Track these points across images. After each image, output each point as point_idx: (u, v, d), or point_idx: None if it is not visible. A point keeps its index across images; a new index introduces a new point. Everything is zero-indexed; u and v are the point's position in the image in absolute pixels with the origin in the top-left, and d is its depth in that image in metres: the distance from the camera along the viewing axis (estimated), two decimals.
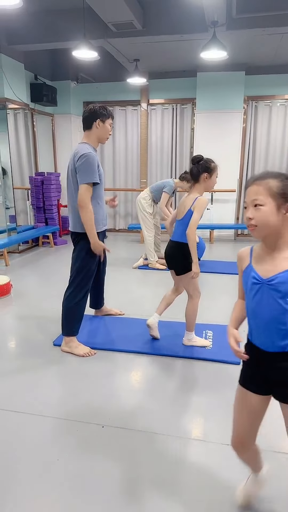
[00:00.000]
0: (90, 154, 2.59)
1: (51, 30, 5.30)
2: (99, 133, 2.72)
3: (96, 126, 2.68)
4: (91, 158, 2.58)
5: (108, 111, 2.70)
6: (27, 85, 6.36)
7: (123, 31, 4.99)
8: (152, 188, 5.09)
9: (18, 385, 2.43)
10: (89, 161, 2.58)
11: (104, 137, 2.76)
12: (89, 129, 2.71)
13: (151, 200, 5.07)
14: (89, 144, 2.70)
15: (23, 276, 4.85)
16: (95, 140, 2.74)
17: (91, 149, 2.65)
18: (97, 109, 2.67)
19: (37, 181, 6.56)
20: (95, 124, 2.68)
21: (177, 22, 4.91)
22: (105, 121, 2.69)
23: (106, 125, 2.70)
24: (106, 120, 2.69)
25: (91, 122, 2.68)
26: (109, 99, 7.40)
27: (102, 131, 2.71)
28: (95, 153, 2.68)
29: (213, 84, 6.72)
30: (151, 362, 2.72)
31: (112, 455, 1.85)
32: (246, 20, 4.72)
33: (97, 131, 2.70)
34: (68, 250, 6.32)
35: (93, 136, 2.73)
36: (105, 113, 2.68)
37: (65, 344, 2.83)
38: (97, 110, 2.66)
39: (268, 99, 6.85)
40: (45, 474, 1.73)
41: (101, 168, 2.70)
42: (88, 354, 2.76)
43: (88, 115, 2.68)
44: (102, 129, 2.70)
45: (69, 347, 2.81)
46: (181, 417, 2.12)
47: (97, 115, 2.66)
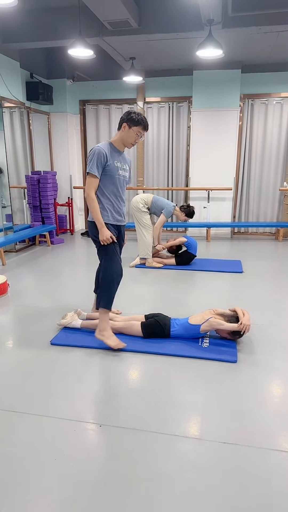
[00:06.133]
0: (97, 148, 2.75)
1: (46, 28, 5.28)
2: (123, 136, 2.83)
3: (123, 129, 2.81)
4: (98, 151, 2.73)
5: (139, 119, 2.78)
6: (22, 84, 6.34)
7: (118, 29, 4.98)
8: (155, 199, 5.12)
9: (15, 384, 2.43)
10: (93, 153, 2.74)
11: (128, 142, 2.85)
12: (118, 129, 2.86)
13: (147, 207, 5.11)
14: (109, 142, 2.85)
15: (20, 275, 4.84)
16: (119, 141, 2.86)
17: (104, 145, 2.79)
18: (130, 113, 2.79)
19: (34, 179, 6.55)
20: (123, 126, 2.81)
21: (173, 21, 4.91)
22: (132, 127, 2.78)
23: (131, 131, 2.79)
24: (133, 127, 2.78)
25: (121, 123, 2.82)
26: (105, 98, 7.39)
27: (126, 135, 2.81)
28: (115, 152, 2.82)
29: (209, 82, 6.72)
30: (147, 361, 2.72)
31: (109, 454, 1.85)
32: (242, 18, 4.72)
33: (122, 133, 2.82)
34: (64, 249, 6.32)
35: (118, 137, 2.86)
36: (135, 120, 2.77)
37: (99, 332, 2.87)
38: (129, 115, 2.78)
39: (264, 97, 6.86)
40: (43, 474, 1.73)
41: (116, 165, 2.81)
42: (118, 347, 2.80)
43: (122, 116, 2.82)
44: (127, 133, 2.80)
45: (102, 335, 2.85)
46: (178, 416, 2.13)
47: (127, 120, 2.78)
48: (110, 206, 2.86)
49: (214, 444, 1.91)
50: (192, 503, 1.58)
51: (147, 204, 5.10)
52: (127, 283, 4.52)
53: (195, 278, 4.71)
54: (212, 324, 2.87)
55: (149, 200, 5.11)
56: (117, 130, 2.89)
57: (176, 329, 2.96)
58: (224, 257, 5.73)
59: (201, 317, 2.94)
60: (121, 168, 2.87)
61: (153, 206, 5.11)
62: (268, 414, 2.15)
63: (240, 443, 1.91)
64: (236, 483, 1.67)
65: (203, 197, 7.11)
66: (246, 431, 2.00)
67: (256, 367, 2.64)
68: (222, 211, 7.28)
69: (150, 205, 5.11)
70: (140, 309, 3.51)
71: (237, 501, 1.59)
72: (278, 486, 1.66)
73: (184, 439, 1.95)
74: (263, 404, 2.23)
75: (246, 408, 2.19)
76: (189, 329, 2.93)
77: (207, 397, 2.30)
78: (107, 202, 2.84)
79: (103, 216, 2.81)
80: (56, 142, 7.48)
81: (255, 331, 3.10)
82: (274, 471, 1.74)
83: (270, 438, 1.95)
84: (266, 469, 1.75)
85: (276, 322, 3.39)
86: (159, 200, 5.14)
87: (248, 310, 3.07)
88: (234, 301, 3.79)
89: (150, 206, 5.12)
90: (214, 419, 2.10)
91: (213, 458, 1.82)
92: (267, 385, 2.44)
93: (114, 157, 2.82)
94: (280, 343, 2.98)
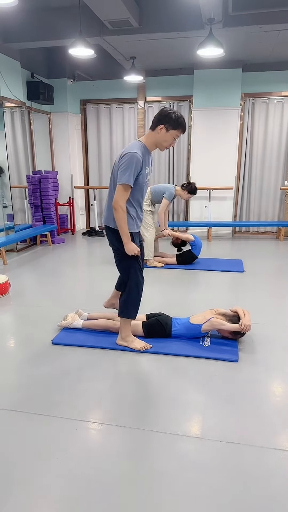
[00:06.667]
0: (135, 155, 2.45)
1: (47, 28, 5.28)
2: (158, 138, 2.56)
3: (158, 130, 2.53)
4: (136, 159, 2.45)
5: (179, 122, 2.51)
6: (23, 83, 6.34)
7: (119, 29, 4.97)
8: (153, 189, 5.06)
9: (16, 384, 2.43)
10: (131, 161, 2.45)
11: (163, 145, 2.59)
12: (153, 130, 2.56)
13: (149, 200, 5.06)
14: (143, 144, 2.57)
15: (21, 275, 4.84)
16: (152, 143, 2.59)
17: (140, 149, 2.51)
18: (169, 114, 2.50)
19: (35, 179, 6.56)
20: (158, 127, 2.52)
21: (173, 20, 4.90)
22: (169, 130, 2.51)
23: (168, 134, 2.52)
24: (170, 130, 2.51)
25: (157, 124, 2.53)
26: (106, 97, 7.39)
27: (162, 138, 2.55)
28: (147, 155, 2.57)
29: (210, 81, 6.72)
30: (148, 360, 2.72)
31: (111, 453, 1.86)
32: (243, 17, 4.71)
33: (157, 135, 2.55)
34: (65, 249, 6.32)
35: (152, 139, 2.58)
36: (175, 121, 2.50)
37: (121, 339, 2.84)
38: (168, 116, 2.49)
39: (265, 96, 6.84)
40: (44, 473, 1.73)
41: (146, 171, 2.57)
42: (144, 348, 2.78)
43: (158, 115, 2.53)
44: (163, 136, 2.54)
45: (125, 341, 2.83)
46: (179, 415, 2.13)
47: (165, 120, 2.50)
48: (135, 214, 2.66)
49: (215, 444, 1.91)
50: (193, 503, 1.58)
51: (148, 196, 5.02)
52: None
53: (196, 278, 4.70)
54: (213, 324, 2.86)
55: (148, 194, 5.02)
56: (149, 129, 2.59)
57: (178, 329, 2.96)
58: (225, 257, 5.72)
59: (203, 317, 2.93)
60: (148, 173, 2.65)
61: (153, 195, 5.02)
62: (270, 413, 2.15)
63: (241, 442, 1.91)
64: (237, 483, 1.67)
65: (204, 196, 7.10)
66: (248, 430, 2.00)
67: (257, 366, 2.64)
68: (223, 211, 7.27)
69: (151, 196, 5.03)
70: (141, 309, 3.50)
71: (239, 501, 1.59)
72: (280, 485, 1.66)
73: (186, 439, 1.95)
74: (265, 403, 2.23)
75: (247, 407, 2.19)
76: (190, 328, 2.93)
77: (208, 396, 2.30)
78: (132, 210, 2.62)
79: (129, 225, 2.59)
80: (57, 141, 7.48)
81: (256, 330, 3.10)
82: (275, 470, 1.74)
83: (272, 437, 1.95)
84: (267, 468, 1.75)
85: (277, 321, 3.39)
86: (157, 187, 5.08)
87: (249, 309, 3.06)
88: (235, 301, 3.79)
89: (151, 197, 5.03)
90: (215, 418, 2.10)
91: (215, 457, 1.82)
92: (268, 384, 2.44)
93: (146, 162, 2.55)
94: (281, 342, 2.98)
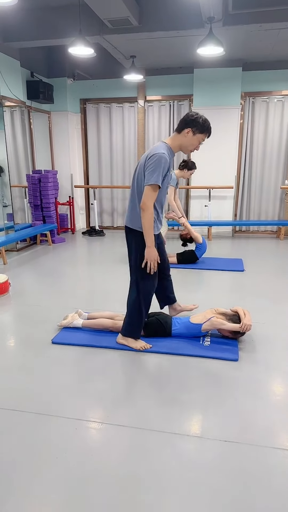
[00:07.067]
0: (163, 155, 2.46)
1: (46, 27, 5.27)
2: (184, 142, 2.57)
3: (185, 134, 2.54)
4: (164, 160, 2.46)
5: (205, 126, 2.53)
6: (23, 83, 6.33)
7: (119, 28, 4.97)
8: None
9: (17, 383, 2.43)
10: (159, 162, 2.45)
11: (188, 149, 2.61)
12: (179, 132, 2.57)
13: None
14: (168, 146, 2.58)
15: (21, 274, 4.84)
16: (177, 145, 2.60)
17: (166, 151, 2.52)
18: (196, 118, 2.52)
19: (34, 179, 6.55)
20: (185, 130, 2.53)
21: (173, 18, 4.89)
22: (196, 134, 2.54)
23: (195, 137, 2.54)
24: (197, 134, 2.54)
25: (183, 127, 2.54)
26: (106, 96, 7.38)
27: (188, 141, 2.56)
28: (172, 157, 2.57)
29: (210, 80, 6.71)
30: (148, 360, 2.72)
31: (111, 452, 1.85)
32: (243, 15, 4.71)
33: (184, 139, 2.56)
34: (65, 249, 6.32)
35: (177, 141, 2.59)
36: (202, 126, 2.52)
37: (121, 337, 2.85)
38: (195, 120, 2.51)
39: (265, 95, 6.83)
40: (44, 472, 1.73)
41: (172, 174, 2.56)
42: (144, 348, 2.78)
43: (185, 118, 2.55)
44: (189, 140, 2.55)
45: (125, 339, 2.83)
46: (179, 414, 2.12)
47: (192, 124, 2.51)
48: (156, 216, 2.64)
49: (215, 443, 1.90)
50: (194, 502, 1.58)
51: None
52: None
53: (197, 277, 4.70)
54: (214, 324, 2.86)
55: None
56: (174, 131, 2.61)
57: (178, 328, 2.96)
58: (226, 256, 5.72)
59: (203, 316, 2.93)
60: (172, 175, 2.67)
61: None
62: (270, 412, 2.14)
63: (241, 442, 1.90)
64: (237, 482, 1.67)
65: (204, 195, 7.09)
66: (248, 429, 2.00)
67: (258, 365, 2.63)
68: (224, 210, 7.27)
69: None
70: None
71: (239, 500, 1.58)
72: (280, 484, 1.66)
73: (186, 438, 1.94)
74: (265, 402, 2.23)
75: (247, 407, 2.18)
76: (190, 328, 2.93)
77: (208, 395, 2.30)
78: (154, 213, 2.60)
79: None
80: (57, 141, 7.48)
81: (256, 330, 3.09)
82: (275, 469, 1.74)
83: (272, 436, 1.94)
84: (267, 467, 1.75)
85: (278, 320, 3.38)
86: None
87: (249, 308, 3.06)
88: (236, 300, 3.79)
89: None
90: (216, 417, 2.10)
91: (215, 457, 1.82)
92: (268, 383, 2.44)
93: (171, 164, 2.56)
94: (282, 342, 2.98)
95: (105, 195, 7.93)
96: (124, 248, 2.94)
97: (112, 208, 7.97)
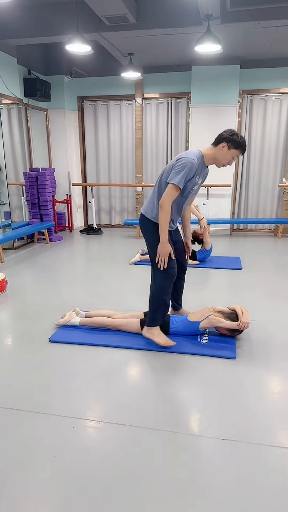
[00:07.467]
0: (192, 162, 2.54)
1: (43, 24, 5.24)
2: (218, 155, 2.65)
3: (220, 147, 2.62)
4: (191, 165, 2.54)
5: (242, 143, 2.62)
6: (20, 80, 6.30)
7: (116, 25, 4.94)
8: None
9: (14, 382, 2.42)
10: (187, 166, 2.53)
11: (221, 162, 2.69)
12: (215, 145, 2.66)
13: None
14: (202, 155, 2.65)
15: (19, 272, 4.83)
16: (211, 157, 2.67)
17: (198, 158, 2.60)
18: (234, 135, 2.61)
19: (32, 176, 6.52)
20: (221, 144, 2.62)
21: (171, 16, 4.87)
22: (231, 149, 2.62)
23: (229, 152, 2.63)
24: (232, 149, 2.62)
25: (220, 141, 2.63)
26: (103, 94, 7.36)
27: (222, 155, 2.64)
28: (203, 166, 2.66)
29: (208, 78, 6.69)
30: (146, 358, 2.72)
31: (108, 451, 1.85)
32: (241, 13, 4.69)
33: (219, 152, 2.64)
34: (63, 247, 6.30)
35: (212, 154, 2.67)
36: (238, 142, 2.61)
37: (147, 330, 2.86)
38: (233, 136, 2.60)
39: (263, 93, 6.83)
40: (41, 471, 1.73)
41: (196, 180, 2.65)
42: (167, 345, 2.79)
43: (223, 133, 2.63)
44: (224, 153, 2.63)
45: (150, 333, 2.84)
46: (176, 412, 2.12)
47: (228, 139, 2.60)
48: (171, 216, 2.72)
49: (213, 441, 1.90)
50: (190, 499, 1.58)
51: None
52: (126, 280, 4.52)
53: (194, 275, 4.69)
54: (211, 322, 2.86)
55: None
56: (211, 144, 2.68)
57: (175, 326, 2.95)
58: (223, 254, 5.72)
59: (201, 314, 2.93)
60: (198, 183, 2.72)
61: None
62: (267, 410, 2.14)
63: (239, 440, 1.90)
64: (235, 480, 1.67)
65: (202, 193, 7.08)
66: (245, 427, 2.00)
67: (255, 363, 2.63)
68: (221, 208, 7.26)
69: None
70: (140, 306, 3.50)
71: (236, 497, 1.58)
72: (277, 482, 1.66)
73: (183, 436, 1.94)
74: (262, 400, 2.23)
75: (245, 405, 2.18)
76: (188, 326, 2.93)
77: (206, 393, 2.29)
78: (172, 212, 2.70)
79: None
80: (54, 138, 7.45)
81: (254, 328, 3.10)
82: (273, 467, 1.74)
83: (269, 434, 1.95)
84: (265, 465, 1.75)
85: (275, 318, 3.38)
86: None
87: (247, 306, 3.06)
88: (233, 298, 3.79)
89: None
90: (213, 415, 2.10)
91: (213, 455, 1.82)
92: (266, 381, 2.44)
93: (199, 172, 2.66)
94: (279, 340, 2.98)
95: (102, 193, 7.91)
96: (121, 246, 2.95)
97: (110, 206, 7.95)
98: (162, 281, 2.78)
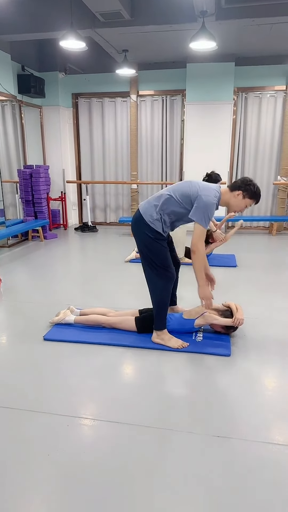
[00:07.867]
0: (214, 202, 2.60)
1: (37, 20, 5.20)
2: (232, 201, 2.69)
3: (235, 194, 2.66)
4: (212, 205, 2.59)
5: (256, 194, 2.67)
6: (14, 76, 6.25)
7: (111, 21, 4.92)
8: None
9: (8, 380, 2.41)
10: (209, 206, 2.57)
11: (232, 208, 2.74)
12: (231, 190, 2.70)
13: None
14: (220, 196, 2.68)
15: (12, 270, 4.80)
16: (225, 201, 2.72)
17: (218, 200, 2.66)
18: (250, 185, 2.65)
19: (26, 174, 6.49)
20: (236, 192, 2.66)
21: (165, 12, 4.85)
22: (246, 198, 2.67)
23: (243, 201, 2.67)
24: (246, 198, 2.66)
25: (236, 188, 2.67)
26: (98, 91, 7.32)
27: (236, 202, 2.69)
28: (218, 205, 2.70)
29: (203, 75, 6.68)
30: (141, 356, 2.72)
31: (103, 449, 1.85)
32: (235, 10, 4.68)
33: (233, 198, 2.68)
34: (58, 244, 6.28)
35: (227, 198, 2.71)
36: (253, 193, 2.65)
37: (156, 336, 2.85)
38: (248, 186, 2.65)
39: (258, 90, 6.83)
40: (36, 469, 1.72)
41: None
42: (181, 346, 2.78)
43: (240, 183, 2.67)
44: (238, 201, 2.68)
45: (161, 339, 2.83)
46: (171, 410, 2.12)
47: (245, 189, 2.64)
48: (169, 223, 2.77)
49: (207, 438, 1.91)
50: (186, 497, 1.58)
51: None
52: (121, 277, 4.51)
53: (189, 273, 4.68)
54: (206, 319, 2.86)
55: None
56: (227, 186, 2.72)
57: (170, 324, 2.95)
58: (218, 251, 5.72)
59: (196, 312, 2.93)
60: None
61: None
62: (262, 407, 2.15)
63: (233, 437, 1.91)
64: (229, 476, 1.67)
65: None
66: (240, 424, 2.00)
67: (250, 360, 2.64)
68: None
69: None
70: (134, 304, 3.50)
71: (230, 494, 1.59)
72: (271, 479, 1.67)
73: (177, 433, 1.94)
74: (257, 397, 2.23)
75: (239, 401, 2.19)
76: (183, 323, 2.93)
77: (201, 390, 2.30)
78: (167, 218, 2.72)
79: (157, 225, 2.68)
80: (49, 135, 7.41)
81: (248, 325, 3.10)
82: (267, 464, 1.75)
83: (263, 431, 1.95)
84: (259, 462, 1.76)
85: (270, 315, 3.40)
86: None
87: (242, 304, 3.07)
88: (228, 295, 3.79)
89: None
90: (207, 412, 2.10)
91: (207, 451, 1.82)
92: (260, 378, 2.44)
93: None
94: (274, 337, 2.99)
95: (97, 190, 7.89)
96: (116, 243, 2.93)
97: (104, 204, 7.93)
98: (163, 285, 2.79)
